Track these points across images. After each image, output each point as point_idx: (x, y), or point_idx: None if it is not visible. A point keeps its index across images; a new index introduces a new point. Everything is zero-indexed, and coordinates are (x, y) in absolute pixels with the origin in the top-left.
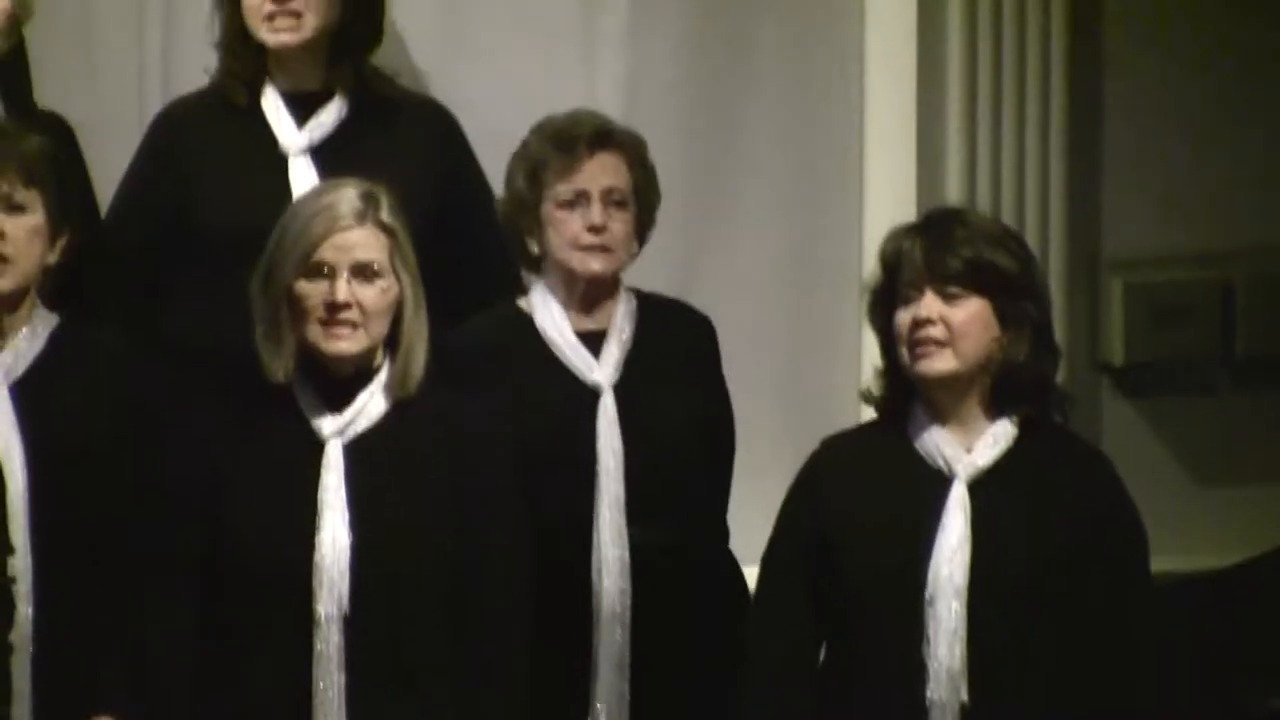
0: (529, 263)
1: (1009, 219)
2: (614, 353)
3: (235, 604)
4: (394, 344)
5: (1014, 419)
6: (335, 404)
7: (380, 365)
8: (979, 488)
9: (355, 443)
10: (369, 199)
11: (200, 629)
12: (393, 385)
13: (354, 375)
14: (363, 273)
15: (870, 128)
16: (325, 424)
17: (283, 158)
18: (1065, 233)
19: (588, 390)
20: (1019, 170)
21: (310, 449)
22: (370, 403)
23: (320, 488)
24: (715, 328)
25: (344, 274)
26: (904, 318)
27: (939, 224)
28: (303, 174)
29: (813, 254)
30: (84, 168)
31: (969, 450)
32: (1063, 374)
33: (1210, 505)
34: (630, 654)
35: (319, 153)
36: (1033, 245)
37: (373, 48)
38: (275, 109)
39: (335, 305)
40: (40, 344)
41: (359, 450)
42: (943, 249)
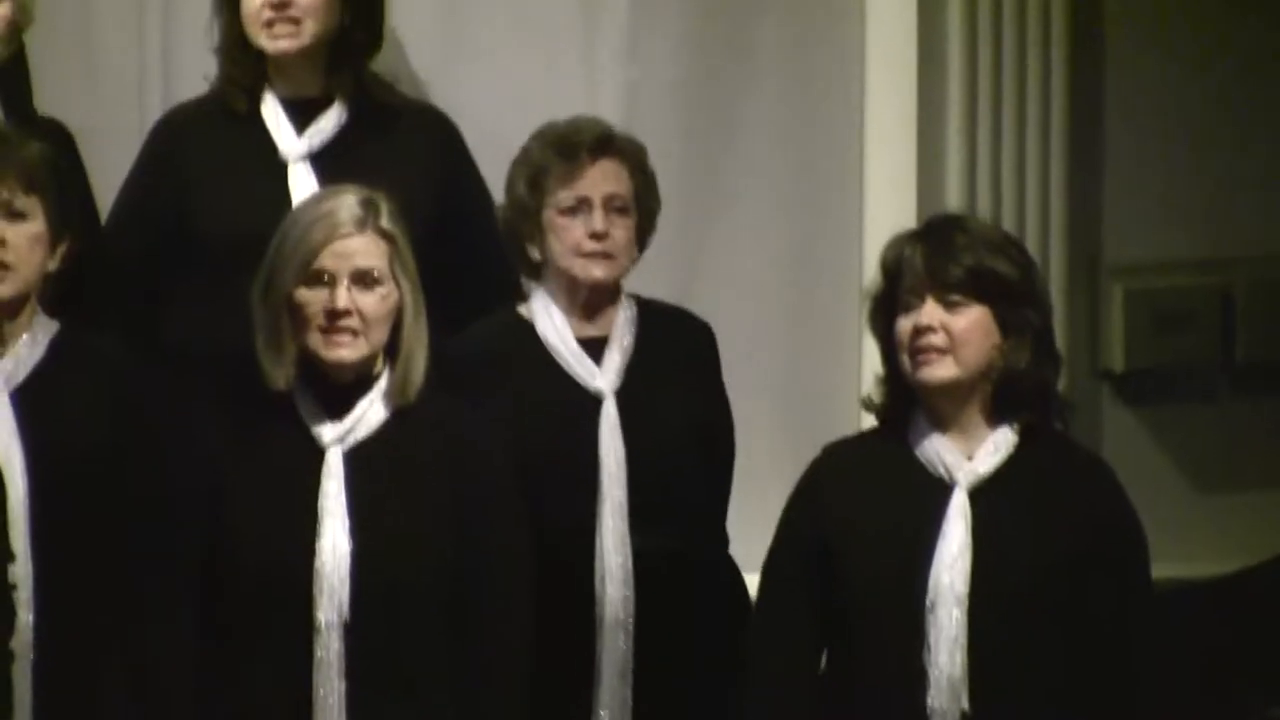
0: (529, 269)
1: (1009, 225)
2: (616, 359)
3: (235, 611)
4: (394, 351)
5: (1015, 426)
6: (335, 411)
7: (380, 372)
8: (980, 495)
9: (355, 450)
10: (369, 206)
11: (200, 635)
12: (393, 392)
13: (354, 382)
14: (363, 280)
15: (870, 132)
16: (325, 431)
17: (282, 164)
18: (1066, 239)
19: (589, 397)
20: (1019, 176)
21: (310, 456)
22: (370, 410)
23: (320, 495)
24: (715, 334)
25: (344, 281)
26: (905, 325)
27: (940, 231)
28: (302, 180)
29: (813, 258)
30: (84, 174)
31: (970, 458)
32: (1063, 381)
33: (1211, 512)
34: (632, 660)
35: (318, 159)
36: (1033, 251)
37: (372, 54)
38: (275, 115)
39: (335, 312)
40: (41, 351)
41: (359, 457)
42: (944, 256)
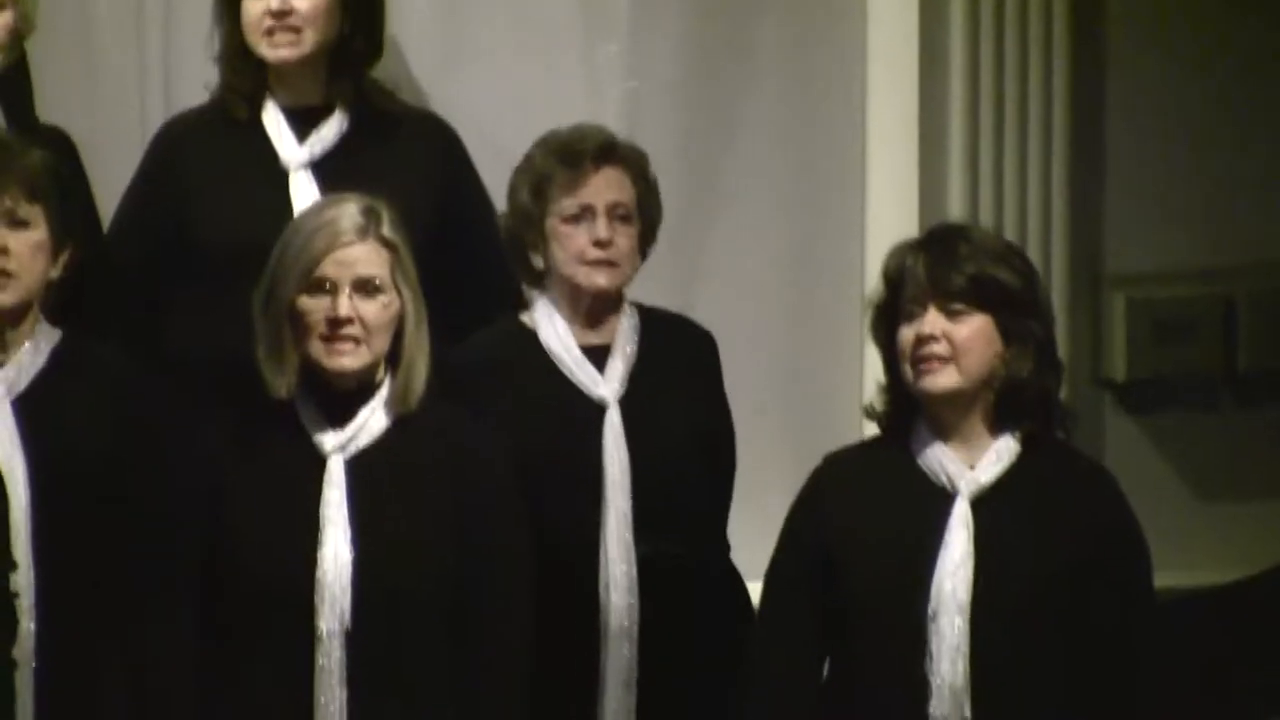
0: (531, 277)
1: (1011, 234)
2: (619, 367)
3: (237, 618)
4: (395, 359)
5: (1017, 435)
6: (337, 419)
7: (382, 381)
8: (982, 504)
9: (357, 458)
10: (370, 214)
11: (201, 637)
12: (394, 401)
13: (356, 391)
14: (364, 288)
15: (872, 137)
16: (327, 440)
17: (283, 172)
18: (1067, 248)
19: (593, 405)
20: (1021, 184)
21: (312, 464)
22: (372, 418)
23: (322, 503)
24: (716, 342)
25: (346, 289)
26: (907, 334)
27: (942, 240)
28: (303, 189)
29: (814, 263)
30: (86, 182)
31: (972, 466)
32: (1065, 390)
33: (1212, 521)
34: (637, 668)
35: (319, 167)
36: (1035, 261)
37: (372, 62)
38: (276, 124)
39: (337, 321)
40: (43, 359)
41: (360, 466)
42: (946, 265)
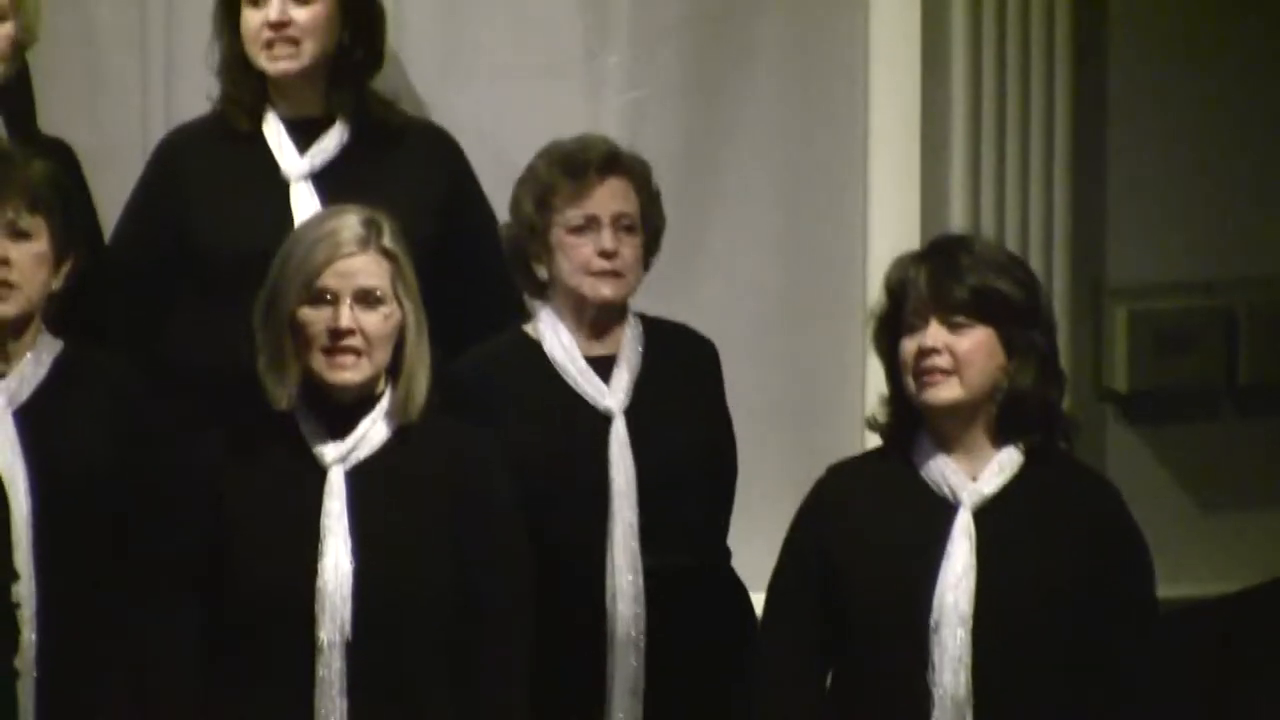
0: (535, 288)
1: (1013, 247)
2: (624, 378)
3: (237, 629)
4: (396, 370)
5: (1020, 447)
6: (337, 431)
7: (382, 392)
8: (984, 515)
9: (357, 469)
10: (371, 225)
11: (202, 651)
12: (395, 412)
13: (356, 402)
14: (365, 299)
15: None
16: (327, 451)
17: (284, 184)
18: (1069, 260)
19: (598, 415)
20: (1023, 200)
21: (312, 475)
22: (372, 429)
23: (322, 514)
24: (718, 351)
25: (347, 300)
26: (909, 346)
27: (944, 252)
28: (304, 200)
29: (815, 273)
30: (88, 193)
31: (974, 478)
32: (1067, 401)
33: (1214, 532)
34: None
35: (321, 178)
36: (1036, 274)
37: (373, 72)
38: (277, 135)
39: (339, 332)
40: (45, 370)
41: (361, 477)
42: (948, 277)
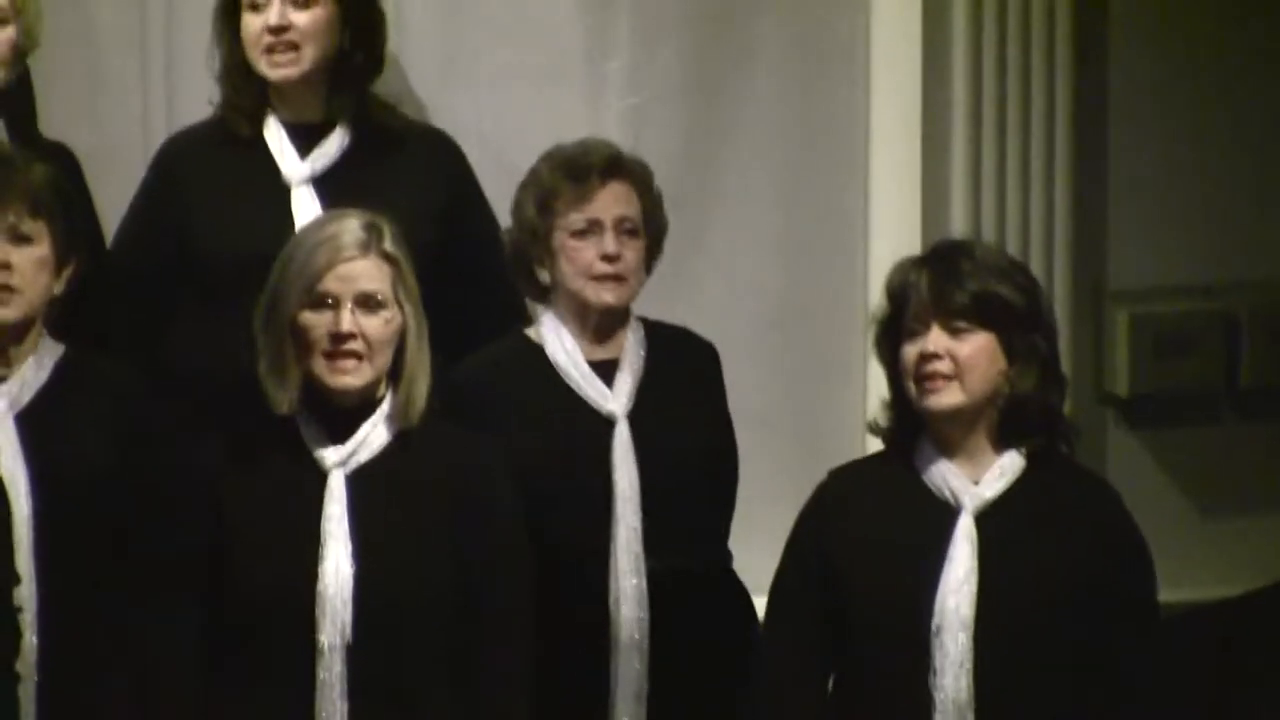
0: (537, 292)
1: (1013, 251)
2: (627, 382)
3: (238, 633)
4: (397, 374)
5: (1021, 451)
6: (338, 435)
7: (383, 396)
8: (986, 519)
9: (358, 473)
10: (372, 229)
11: (202, 653)
12: (395, 416)
13: (357, 406)
14: (366, 303)
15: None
16: (328, 455)
17: (285, 188)
18: (1070, 264)
19: (601, 419)
20: (1024, 204)
21: (313, 479)
22: (373, 433)
23: (323, 518)
24: (719, 354)
25: (348, 304)
26: (910, 351)
27: (945, 257)
28: (305, 205)
29: (816, 275)
30: (89, 198)
31: (976, 482)
32: (1067, 406)
33: (1215, 536)
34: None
35: (321, 183)
36: (1037, 277)
37: (373, 76)
38: (278, 140)
39: (340, 336)
40: (46, 374)
41: (361, 481)
42: (949, 283)
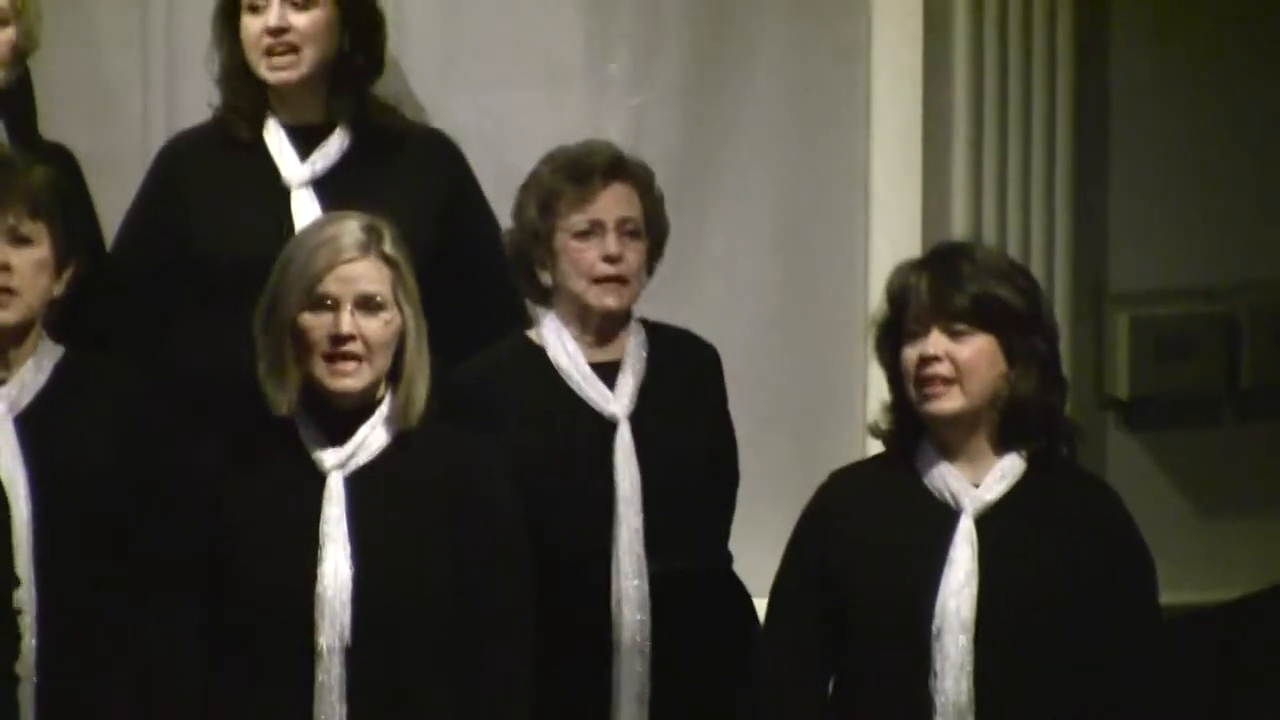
0: (538, 294)
1: (1014, 253)
2: (629, 383)
3: (237, 634)
4: (396, 376)
5: (1022, 453)
6: (337, 436)
7: (382, 398)
8: (987, 522)
9: (356, 475)
10: (371, 231)
11: (202, 655)
12: (395, 418)
13: (356, 408)
14: (366, 305)
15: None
16: (327, 456)
17: (285, 190)
18: (1070, 267)
19: (603, 421)
20: (1025, 207)
21: (311, 481)
22: (371, 435)
23: (322, 520)
24: (720, 356)
25: (348, 306)
26: (911, 354)
27: (945, 260)
28: (305, 207)
29: (816, 277)
30: (89, 199)
31: (977, 484)
32: (1068, 408)
33: (1215, 538)
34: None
35: (322, 185)
36: (1038, 279)
37: (373, 78)
38: (278, 142)
39: (339, 337)
40: (45, 376)
41: (360, 483)
42: (949, 285)
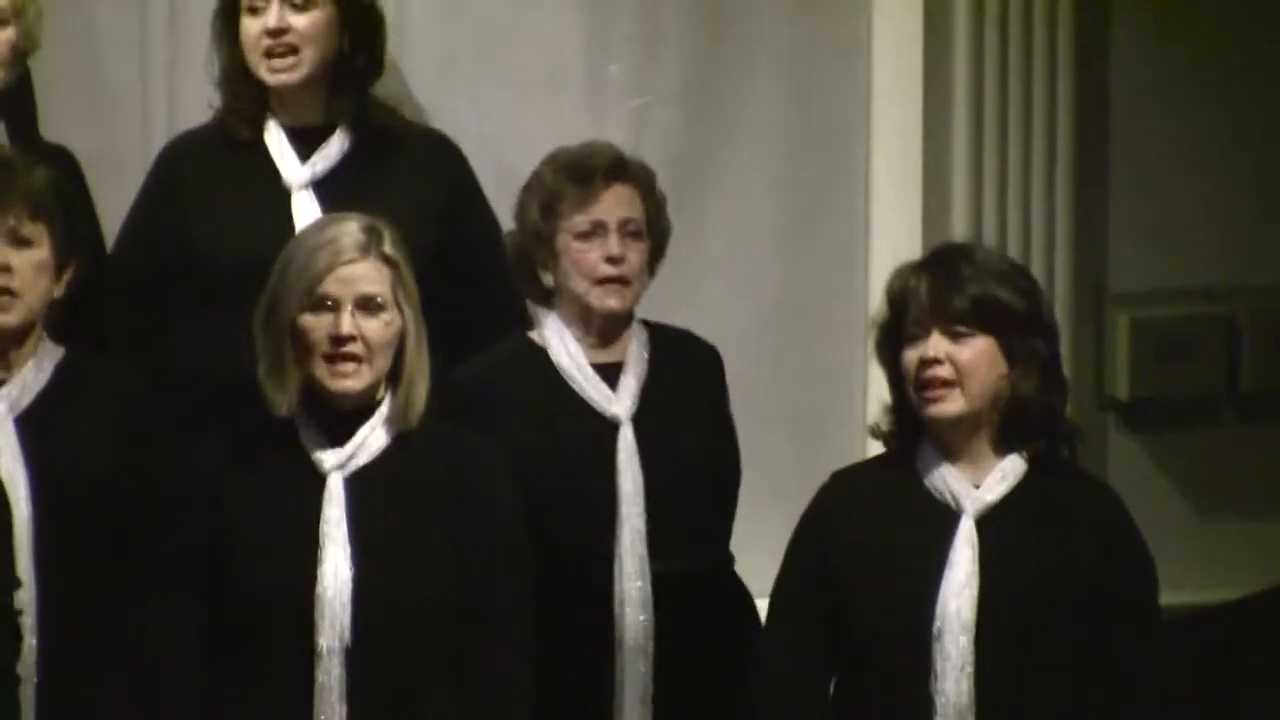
0: (540, 295)
1: (1014, 255)
2: (631, 384)
3: (237, 634)
4: (396, 377)
5: (1023, 454)
6: (337, 437)
7: (382, 399)
8: (987, 523)
9: (356, 476)
10: (371, 232)
11: (202, 655)
12: (394, 418)
13: (356, 409)
14: (366, 306)
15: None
16: (327, 457)
17: (286, 192)
18: (1071, 268)
19: (606, 422)
20: (1025, 208)
21: (311, 482)
22: (371, 436)
23: (321, 521)
24: (721, 357)
25: (348, 307)
26: (911, 357)
27: (945, 261)
28: (306, 208)
29: (816, 278)
30: (90, 201)
31: (977, 486)
32: (1068, 409)
33: (1215, 540)
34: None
35: (322, 186)
36: (1038, 280)
37: (373, 79)
38: (278, 144)
39: (340, 338)
40: (46, 377)
41: (360, 483)
42: (949, 287)
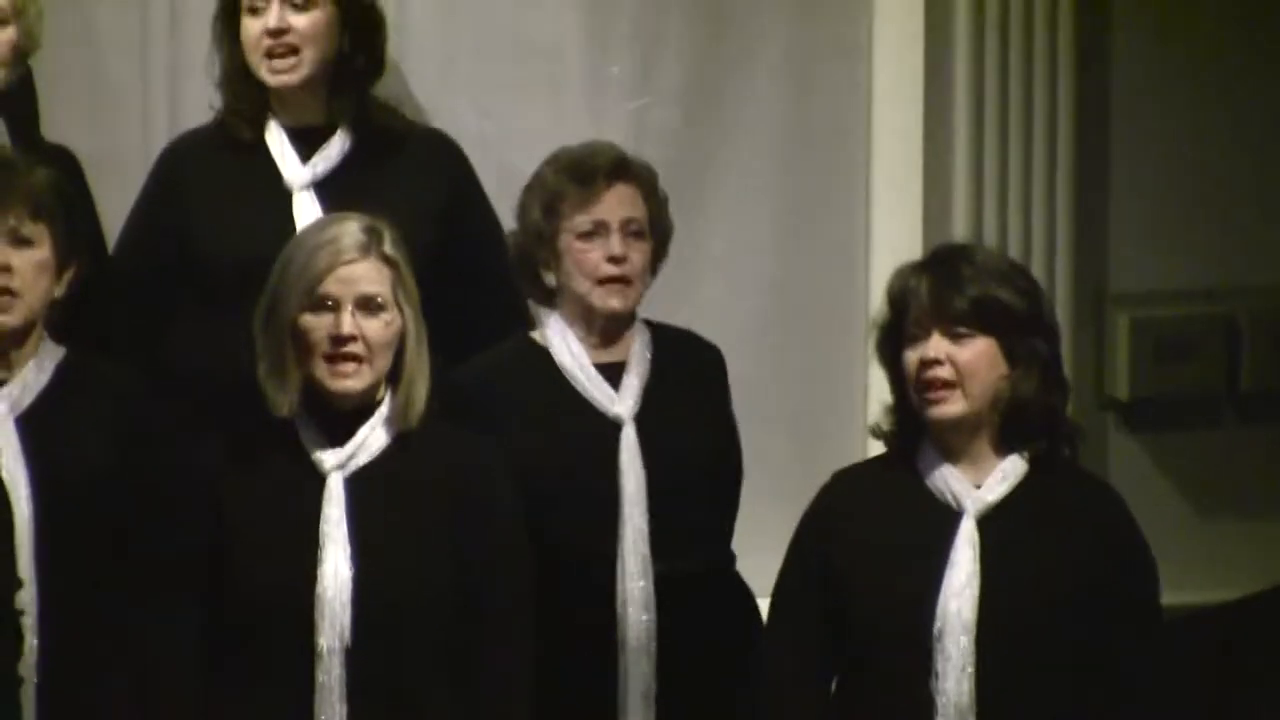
0: (542, 295)
1: (1015, 256)
2: (634, 384)
3: (238, 634)
4: (396, 377)
5: (1024, 455)
6: (337, 437)
7: (382, 399)
8: (988, 523)
9: (356, 476)
10: (372, 232)
11: (202, 655)
12: (394, 418)
13: (356, 409)
14: (367, 305)
15: (876, 150)
16: (327, 457)
17: (287, 192)
18: (1071, 268)
19: (608, 422)
20: (1025, 209)
21: (311, 482)
22: (371, 436)
23: (321, 521)
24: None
25: (348, 307)
26: (911, 357)
27: (946, 262)
28: (307, 208)
29: (817, 279)
30: (90, 201)
31: (978, 486)
32: (1069, 410)
33: (1215, 539)
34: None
35: (323, 187)
36: (1038, 280)
37: (374, 79)
38: (279, 144)
39: (340, 338)
40: (47, 377)
41: (360, 483)
42: (949, 288)
